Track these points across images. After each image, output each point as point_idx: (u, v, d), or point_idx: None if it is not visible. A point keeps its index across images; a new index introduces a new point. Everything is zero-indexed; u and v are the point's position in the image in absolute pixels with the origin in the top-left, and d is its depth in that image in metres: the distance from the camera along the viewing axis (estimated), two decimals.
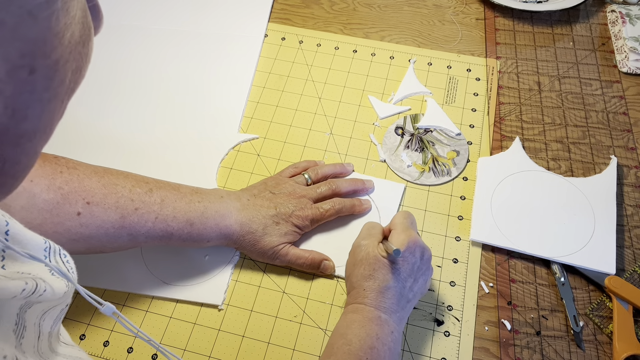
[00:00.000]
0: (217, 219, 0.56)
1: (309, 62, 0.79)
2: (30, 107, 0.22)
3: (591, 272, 0.58)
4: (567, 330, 0.56)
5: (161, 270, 0.60)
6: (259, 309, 0.58)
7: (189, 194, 0.56)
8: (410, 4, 0.87)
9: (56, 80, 0.22)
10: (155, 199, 0.53)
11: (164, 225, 0.53)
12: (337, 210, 0.61)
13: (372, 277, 0.50)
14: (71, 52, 0.23)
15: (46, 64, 0.21)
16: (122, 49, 0.81)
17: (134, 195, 0.52)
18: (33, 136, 0.23)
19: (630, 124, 0.71)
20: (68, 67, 0.23)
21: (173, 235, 0.54)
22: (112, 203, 0.51)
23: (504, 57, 0.78)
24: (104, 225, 0.50)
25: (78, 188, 0.50)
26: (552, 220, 0.62)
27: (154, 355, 0.56)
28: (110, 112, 0.74)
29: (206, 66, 0.79)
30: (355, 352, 0.46)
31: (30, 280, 0.30)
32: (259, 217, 0.57)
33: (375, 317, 0.48)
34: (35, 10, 0.20)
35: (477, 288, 0.59)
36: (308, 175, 0.63)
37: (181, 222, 0.54)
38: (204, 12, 0.85)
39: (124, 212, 0.51)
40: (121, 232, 0.51)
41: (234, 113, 0.73)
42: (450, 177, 0.67)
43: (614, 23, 0.80)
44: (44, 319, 0.36)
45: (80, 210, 0.49)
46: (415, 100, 0.74)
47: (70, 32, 0.22)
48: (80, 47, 0.24)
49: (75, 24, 0.23)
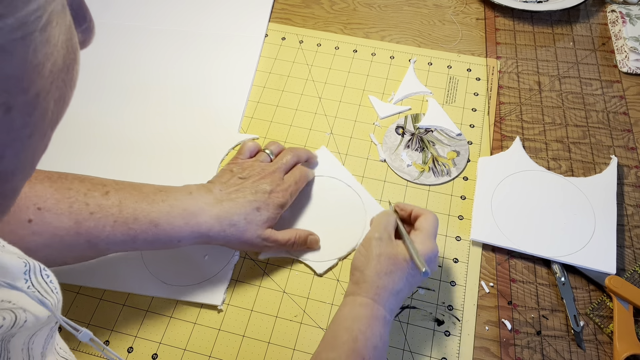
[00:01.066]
0: (186, 218, 0.52)
1: (309, 61, 0.79)
2: (7, 146, 0.20)
3: (591, 271, 0.58)
4: (568, 330, 0.56)
5: (161, 271, 0.60)
6: (259, 309, 0.58)
7: (151, 194, 0.52)
8: (410, 3, 0.87)
9: (36, 114, 0.21)
10: (113, 202, 0.50)
11: (125, 228, 0.50)
12: (306, 177, 0.62)
13: (389, 276, 0.49)
14: (53, 82, 0.21)
15: (24, 100, 0.20)
16: (122, 49, 0.81)
17: (89, 199, 0.49)
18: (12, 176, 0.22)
19: (630, 124, 0.71)
20: (50, 98, 0.21)
21: (137, 238, 0.51)
22: (65, 208, 0.48)
23: (504, 57, 0.78)
24: (58, 232, 0.47)
25: (29, 193, 0.47)
26: (552, 220, 0.62)
27: (154, 355, 0.55)
28: (109, 113, 0.74)
29: (206, 66, 0.79)
30: (360, 350, 0.46)
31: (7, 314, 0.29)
32: (237, 207, 0.54)
33: (382, 316, 0.48)
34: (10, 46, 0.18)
35: (478, 288, 0.59)
36: (270, 150, 0.62)
37: (144, 224, 0.51)
38: (204, 12, 0.85)
39: (79, 217, 0.48)
40: (78, 239, 0.48)
41: (234, 113, 0.73)
42: (450, 177, 0.67)
43: (614, 23, 0.80)
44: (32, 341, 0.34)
45: (32, 217, 0.46)
46: (416, 100, 0.74)
47: (52, 62, 0.20)
48: (63, 74, 0.22)
49: (58, 52, 0.21)
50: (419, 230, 0.52)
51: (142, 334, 0.57)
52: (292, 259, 0.61)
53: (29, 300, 0.31)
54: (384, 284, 0.49)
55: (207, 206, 0.54)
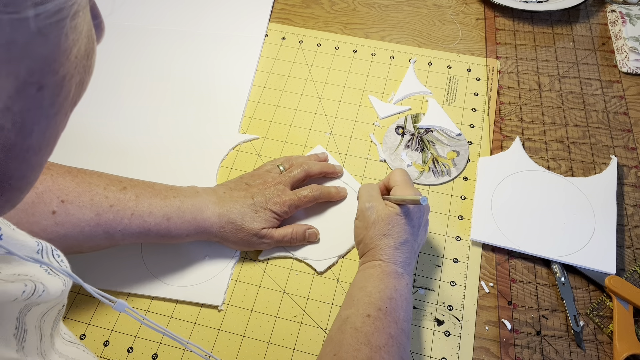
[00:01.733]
0: (194, 213, 0.56)
1: (309, 62, 0.79)
2: (36, 122, 0.22)
3: (591, 271, 0.58)
4: (568, 330, 0.56)
5: (161, 271, 0.60)
6: (259, 309, 0.58)
7: (164, 191, 0.56)
8: (410, 3, 0.87)
9: (62, 95, 0.23)
10: (130, 196, 0.53)
11: (141, 221, 0.53)
12: (315, 197, 0.61)
13: (388, 235, 0.52)
14: (76, 66, 0.23)
15: (54, 80, 0.21)
16: (122, 49, 0.81)
17: (109, 192, 0.52)
18: (38, 150, 0.23)
19: (630, 124, 0.71)
20: (73, 81, 0.23)
21: (150, 231, 0.54)
22: (86, 201, 0.51)
23: (504, 57, 0.78)
24: (80, 223, 0.50)
25: (52, 187, 0.50)
26: (552, 220, 0.62)
27: (154, 355, 0.55)
28: (109, 113, 0.74)
29: (206, 66, 0.79)
30: (376, 302, 0.48)
31: (29, 282, 0.30)
32: (237, 207, 0.57)
33: (392, 271, 0.51)
34: (46, 29, 0.20)
35: (478, 288, 0.59)
36: (282, 166, 0.64)
37: (158, 217, 0.54)
38: (205, 12, 0.85)
39: (99, 210, 0.51)
40: (97, 230, 0.51)
41: (234, 113, 0.73)
42: (449, 177, 0.67)
43: (614, 23, 0.80)
44: (44, 320, 0.36)
45: (55, 209, 0.49)
46: (416, 100, 0.74)
47: (77, 48, 0.22)
48: (84, 60, 0.24)
49: (82, 39, 0.23)
50: (396, 186, 0.56)
51: (142, 334, 0.57)
52: (292, 259, 0.61)
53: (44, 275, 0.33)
54: (386, 243, 0.52)
55: (211, 204, 0.57)
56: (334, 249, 0.61)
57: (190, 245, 0.62)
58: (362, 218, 0.55)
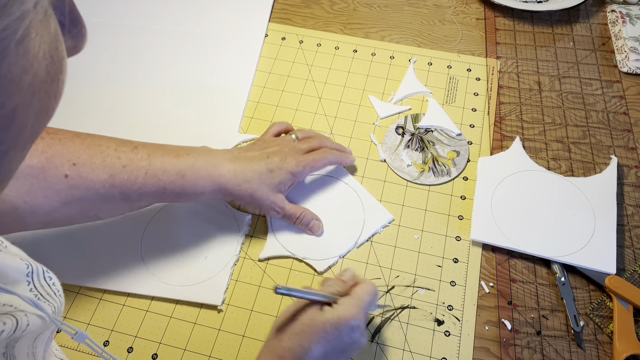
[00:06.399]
0: (209, 169, 0.55)
1: (309, 61, 0.79)
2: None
3: (591, 271, 0.58)
4: (568, 330, 0.56)
5: (160, 271, 0.60)
6: (259, 309, 0.58)
7: (176, 149, 0.56)
8: (410, 3, 0.87)
9: (13, 130, 0.19)
10: (142, 155, 0.53)
11: (155, 179, 0.52)
12: (328, 159, 0.62)
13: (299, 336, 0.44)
14: (34, 94, 0.20)
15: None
16: (122, 50, 0.81)
17: (120, 153, 0.52)
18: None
19: (630, 124, 0.71)
20: (30, 111, 0.20)
21: (166, 189, 0.53)
22: (98, 163, 0.50)
23: (504, 57, 0.78)
24: (94, 185, 0.50)
25: (62, 151, 0.49)
26: (552, 220, 0.62)
27: (154, 355, 0.55)
28: (109, 114, 0.73)
29: (206, 66, 0.79)
30: None
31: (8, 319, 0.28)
32: (252, 166, 0.57)
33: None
34: None
35: (478, 288, 0.59)
36: (295, 135, 0.64)
37: (172, 175, 0.53)
38: (204, 12, 0.85)
39: (112, 171, 0.51)
40: (113, 191, 0.51)
41: (234, 113, 0.73)
42: (449, 177, 0.67)
43: (614, 23, 0.80)
44: (35, 346, 0.34)
45: (68, 172, 0.48)
46: (416, 100, 0.74)
47: (31, 74, 0.19)
48: (47, 85, 0.20)
49: (39, 62, 0.19)
50: (350, 296, 0.48)
51: (142, 334, 0.57)
52: (292, 259, 0.61)
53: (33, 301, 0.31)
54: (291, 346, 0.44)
55: (226, 161, 0.57)
56: (334, 249, 0.61)
57: (189, 245, 0.62)
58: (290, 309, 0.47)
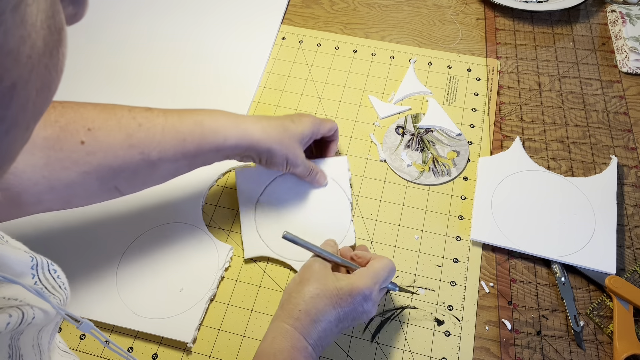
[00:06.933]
0: (229, 117, 0.54)
1: (309, 61, 0.79)
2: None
3: (591, 271, 0.58)
4: (568, 330, 0.56)
5: (132, 300, 0.57)
6: (259, 309, 0.58)
7: (190, 110, 0.54)
8: (410, 3, 0.87)
9: (14, 107, 0.18)
10: (157, 113, 0.51)
11: (174, 132, 0.51)
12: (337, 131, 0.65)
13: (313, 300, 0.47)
14: (33, 68, 0.19)
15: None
16: (122, 50, 0.81)
17: (135, 113, 0.50)
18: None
19: (630, 124, 0.71)
20: (30, 87, 0.19)
21: (186, 140, 0.51)
22: (114, 124, 0.48)
23: (504, 57, 0.78)
24: (112, 148, 0.48)
25: (75, 118, 0.47)
26: (552, 220, 0.62)
27: (154, 355, 0.55)
28: None
29: (210, 67, 0.79)
30: None
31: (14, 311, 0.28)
32: (275, 120, 0.57)
33: (303, 347, 0.46)
34: None
35: (478, 288, 0.59)
36: None
37: (190, 124, 0.51)
38: (214, 15, 0.85)
39: (129, 130, 0.49)
40: (132, 151, 0.49)
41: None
42: (449, 177, 0.67)
43: (614, 23, 0.80)
44: (40, 337, 0.34)
45: (84, 139, 0.46)
46: (416, 100, 0.74)
47: (29, 45, 0.18)
48: (46, 58, 0.19)
49: (36, 33, 0.18)
50: (366, 268, 0.50)
51: (143, 334, 0.57)
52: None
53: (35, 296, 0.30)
54: (306, 308, 0.47)
55: (249, 119, 0.56)
56: None
57: (166, 275, 0.59)
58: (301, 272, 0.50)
